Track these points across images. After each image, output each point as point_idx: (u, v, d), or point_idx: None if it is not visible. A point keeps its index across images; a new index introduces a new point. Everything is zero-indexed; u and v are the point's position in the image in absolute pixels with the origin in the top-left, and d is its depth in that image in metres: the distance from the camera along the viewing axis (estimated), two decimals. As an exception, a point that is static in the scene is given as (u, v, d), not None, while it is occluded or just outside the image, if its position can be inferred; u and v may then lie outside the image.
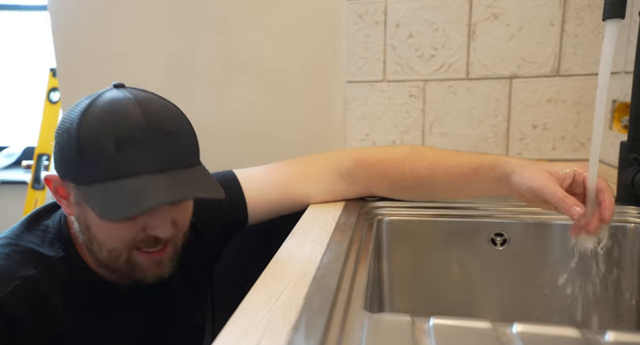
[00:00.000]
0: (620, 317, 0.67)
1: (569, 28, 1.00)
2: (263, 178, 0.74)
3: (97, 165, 0.50)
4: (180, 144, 0.54)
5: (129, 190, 0.49)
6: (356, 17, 1.08)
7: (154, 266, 0.56)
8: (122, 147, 0.49)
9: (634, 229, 0.66)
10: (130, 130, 0.50)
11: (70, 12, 1.19)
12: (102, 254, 0.55)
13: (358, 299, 0.47)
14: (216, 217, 0.70)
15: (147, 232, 0.54)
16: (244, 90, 1.17)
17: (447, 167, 0.66)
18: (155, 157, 0.51)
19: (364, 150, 0.74)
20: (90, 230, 0.54)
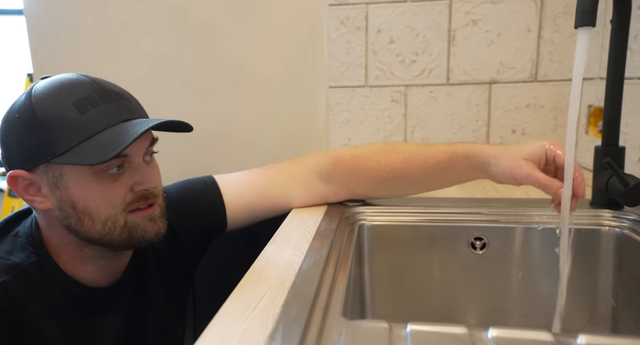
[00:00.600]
0: (596, 319, 0.68)
1: (545, 34, 1.02)
2: (241, 182, 0.74)
3: (66, 133, 0.51)
4: (132, 103, 0.57)
5: (108, 137, 0.51)
6: (337, 23, 1.09)
7: (150, 223, 0.57)
8: (84, 108, 0.52)
9: (608, 232, 0.67)
10: (85, 92, 0.53)
11: (46, 17, 1.18)
12: (97, 227, 0.55)
13: (337, 305, 0.47)
14: (194, 218, 0.70)
15: (134, 190, 0.55)
16: (227, 96, 1.16)
17: (421, 158, 0.68)
18: (116, 111, 0.54)
19: (340, 150, 0.75)
20: (78, 206, 0.54)
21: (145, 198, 0.56)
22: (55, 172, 0.53)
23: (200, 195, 0.71)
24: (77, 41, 1.18)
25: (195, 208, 0.70)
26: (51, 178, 0.54)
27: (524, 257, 0.71)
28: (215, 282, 0.83)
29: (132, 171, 0.55)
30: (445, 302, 0.75)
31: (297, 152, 1.16)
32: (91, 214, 0.54)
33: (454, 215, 0.74)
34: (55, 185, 0.54)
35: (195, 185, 0.72)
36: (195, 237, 0.71)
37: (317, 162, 0.74)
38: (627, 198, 0.64)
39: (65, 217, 0.55)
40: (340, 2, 1.08)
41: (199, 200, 0.71)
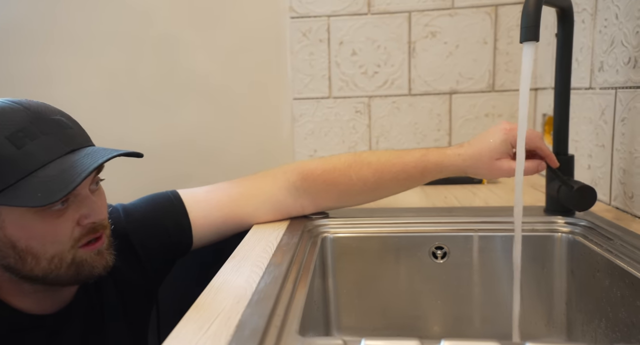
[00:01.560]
0: (552, 324, 0.70)
1: (500, 46, 1.05)
2: (207, 200, 0.72)
3: (1, 171, 0.47)
4: (73, 129, 0.52)
5: (52, 174, 0.47)
6: (300, 35, 1.10)
7: (97, 257, 0.54)
8: (20, 142, 0.47)
9: (561, 238, 0.69)
10: (20, 123, 0.48)
11: (0, 32, 1.14)
12: (41, 266, 0.51)
13: (293, 323, 0.46)
14: (159, 237, 0.67)
15: (82, 224, 0.52)
16: (190, 108, 1.15)
17: (393, 172, 0.69)
18: (58, 142, 0.49)
19: (309, 163, 0.74)
20: (19, 246, 0.49)
21: (94, 231, 0.53)
22: None
23: (165, 213, 0.68)
24: (32, 52, 1.15)
25: (161, 226, 0.67)
26: None
27: (484, 265, 0.73)
28: (180, 299, 0.82)
29: (78, 204, 0.51)
30: (410, 311, 0.76)
31: (262, 164, 1.16)
32: (35, 253, 0.50)
33: (416, 226, 0.75)
34: None
35: (160, 201, 0.69)
36: (159, 257, 0.68)
37: (286, 178, 0.72)
38: (574, 201, 0.66)
39: (3, 257, 0.50)
40: (302, 15, 1.09)
41: (164, 219, 0.68)
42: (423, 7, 1.06)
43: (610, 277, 0.59)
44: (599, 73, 0.77)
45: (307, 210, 0.76)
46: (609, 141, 0.75)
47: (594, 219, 0.68)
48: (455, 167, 0.68)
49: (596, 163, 0.79)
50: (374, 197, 0.74)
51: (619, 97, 0.72)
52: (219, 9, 1.11)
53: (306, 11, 1.09)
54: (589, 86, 0.81)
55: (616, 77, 0.72)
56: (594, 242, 0.64)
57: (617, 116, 0.72)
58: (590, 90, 0.80)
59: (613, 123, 0.73)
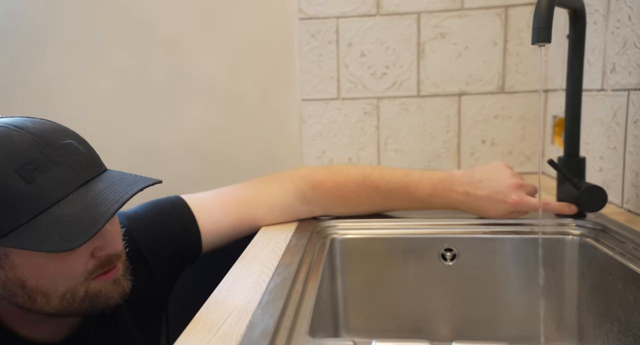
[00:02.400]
0: (563, 327, 0.69)
1: (510, 47, 1.05)
2: (215, 207, 0.70)
3: (10, 209, 0.42)
4: (85, 154, 0.48)
5: (69, 213, 0.43)
6: (309, 37, 1.10)
7: (113, 287, 0.50)
8: (30, 176, 0.42)
9: (572, 241, 0.69)
10: (29, 153, 0.43)
11: (7, 32, 1.16)
12: (52, 304, 0.47)
13: (303, 324, 0.46)
14: (168, 245, 0.65)
15: (97, 256, 0.48)
16: (198, 110, 1.16)
17: (400, 200, 0.73)
18: (71, 173, 0.45)
19: (318, 173, 0.74)
20: (29, 285, 0.46)
21: (109, 262, 0.49)
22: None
23: (172, 220, 0.66)
24: (43, 53, 1.16)
25: (168, 233, 0.65)
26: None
27: (494, 267, 0.72)
28: (189, 301, 0.82)
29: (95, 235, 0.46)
30: (419, 313, 0.76)
31: (270, 165, 1.16)
32: (45, 291, 0.46)
33: (425, 227, 0.75)
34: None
35: (165, 208, 0.67)
36: (168, 266, 0.66)
37: (295, 185, 0.73)
38: (584, 202, 0.66)
39: (11, 296, 0.47)
40: (311, 16, 1.09)
41: (172, 225, 0.66)
42: (432, 8, 1.05)
43: (622, 281, 0.58)
44: (611, 74, 0.77)
45: (316, 214, 0.76)
46: (621, 143, 0.74)
47: (605, 222, 0.67)
48: (464, 206, 0.72)
49: (608, 165, 0.78)
50: (380, 212, 0.78)
51: (632, 99, 0.71)
52: (227, 11, 1.12)
53: (315, 12, 1.09)
54: (600, 88, 0.80)
55: (629, 78, 0.72)
56: (606, 244, 0.63)
57: (630, 118, 0.71)
58: (602, 91, 0.80)
59: (625, 125, 0.73)
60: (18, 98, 1.18)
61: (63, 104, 1.16)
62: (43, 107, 1.16)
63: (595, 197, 0.66)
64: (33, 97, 1.18)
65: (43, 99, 1.17)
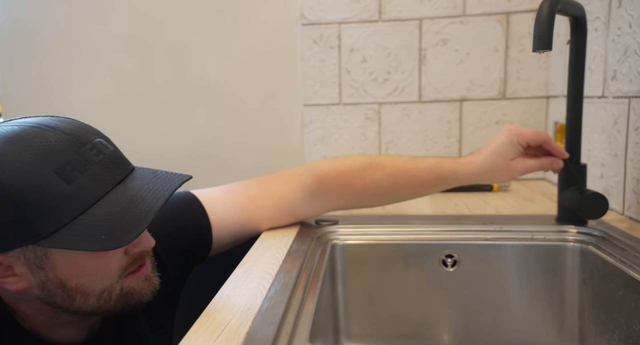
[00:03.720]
0: (564, 334, 0.69)
1: (512, 54, 1.05)
2: (225, 201, 0.70)
3: (52, 210, 0.42)
4: (113, 151, 0.48)
5: (112, 211, 0.43)
6: (311, 42, 1.10)
7: (145, 283, 0.51)
8: (69, 176, 0.43)
9: (573, 248, 0.68)
10: (66, 153, 0.44)
11: (14, 35, 1.16)
12: (90, 302, 0.48)
13: (303, 330, 0.46)
14: (180, 240, 0.65)
15: (130, 253, 0.49)
16: (201, 115, 1.16)
17: (407, 177, 0.70)
18: (106, 171, 0.45)
19: (323, 165, 0.73)
20: (69, 285, 0.46)
21: (141, 258, 0.50)
22: (39, 252, 0.44)
23: (184, 215, 0.66)
24: (47, 58, 1.17)
25: (180, 228, 0.65)
26: (32, 258, 0.45)
27: (495, 274, 0.72)
28: (191, 306, 0.82)
29: None
30: (419, 319, 0.76)
31: (272, 170, 1.15)
32: (85, 290, 0.47)
33: (426, 233, 0.75)
34: (39, 265, 0.45)
35: (177, 203, 0.67)
36: (180, 260, 0.66)
37: (301, 181, 0.72)
38: (584, 209, 0.66)
39: (49, 296, 0.47)
40: (313, 22, 1.10)
41: (183, 220, 0.66)
42: (434, 15, 1.06)
43: (624, 288, 0.58)
44: (612, 82, 0.77)
45: (320, 212, 0.75)
46: (622, 150, 0.74)
47: (606, 229, 0.67)
48: (469, 175, 0.69)
49: (609, 172, 0.78)
50: (386, 201, 0.75)
51: (633, 106, 0.71)
52: (231, 17, 1.12)
53: (317, 18, 1.09)
54: (601, 95, 0.80)
55: (630, 86, 0.72)
56: (607, 252, 0.63)
57: (631, 125, 0.72)
58: (603, 98, 0.80)
59: (626, 132, 0.73)
60: (22, 102, 1.19)
61: (66, 109, 1.16)
62: (46, 112, 1.17)
63: (596, 204, 0.66)
64: (37, 101, 1.19)
65: (46, 103, 1.18)
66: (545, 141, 0.68)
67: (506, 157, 0.67)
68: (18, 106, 1.19)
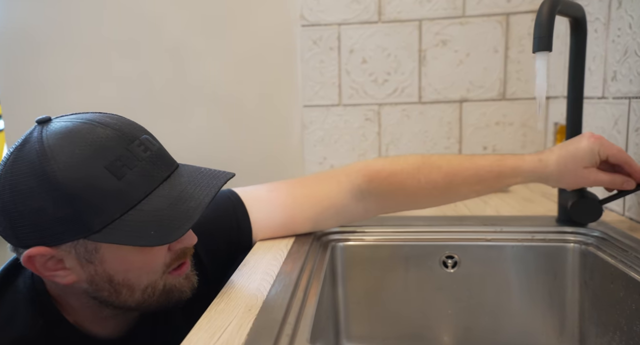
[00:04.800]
0: (565, 336, 0.69)
1: (512, 54, 1.05)
2: (269, 199, 0.68)
3: (103, 205, 0.43)
4: (159, 147, 0.49)
5: (160, 207, 0.44)
6: (311, 43, 1.10)
7: (185, 281, 0.52)
8: (119, 172, 0.44)
9: (573, 249, 0.69)
10: (117, 150, 0.45)
11: (14, 38, 1.16)
12: (135, 297, 0.49)
13: (304, 331, 0.46)
14: (222, 242, 0.64)
15: (173, 249, 0.50)
16: (201, 116, 1.16)
17: (464, 176, 0.65)
18: (153, 168, 0.46)
19: (374, 164, 0.69)
20: (116, 279, 0.47)
21: (183, 255, 0.51)
22: (89, 246, 0.45)
23: (226, 215, 0.65)
24: (46, 61, 1.17)
25: (221, 230, 0.64)
26: (82, 253, 0.46)
27: (495, 275, 0.72)
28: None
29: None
30: (421, 321, 0.76)
31: (272, 171, 1.17)
32: (131, 284, 0.48)
33: (426, 234, 0.75)
34: (88, 260, 0.46)
35: (220, 204, 0.66)
36: (219, 261, 0.64)
37: (350, 181, 0.68)
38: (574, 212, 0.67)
39: (97, 290, 0.48)
40: (313, 23, 1.10)
41: (226, 220, 0.65)
42: (434, 16, 1.06)
43: (624, 289, 0.58)
44: (612, 82, 0.77)
45: (371, 214, 0.70)
46: (623, 151, 0.74)
47: (607, 230, 0.67)
48: (534, 174, 0.63)
49: (609, 173, 0.78)
50: (442, 201, 0.70)
51: (633, 107, 0.71)
52: (230, 18, 1.12)
53: (317, 19, 1.09)
54: (601, 95, 0.80)
55: (630, 86, 0.72)
56: (608, 253, 0.63)
57: (631, 126, 0.72)
58: (603, 99, 0.80)
59: (627, 133, 0.73)
60: (21, 105, 1.19)
61: (66, 111, 1.16)
62: (46, 114, 1.17)
63: (588, 210, 0.66)
64: (35, 104, 1.19)
65: (45, 105, 1.18)
66: (627, 162, 0.62)
67: (581, 164, 0.62)
68: (19, 109, 1.19)
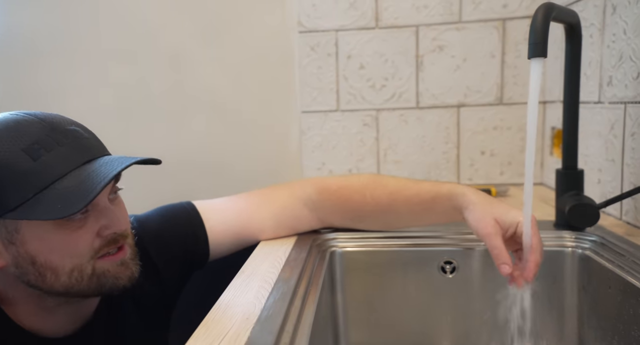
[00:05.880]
0: (564, 340, 0.69)
1: (508, 59, 1.06)
2: (226, 208, 0.72)
3: (18, 184, 0.46)
4: (89, 140, 0.52)
5: (70, 185, 0.46)
6: (308, 49, 1.11)
7: (121, 268, 0.52)
8: (36, 154, 0.47)
9: (572, 254, 0.69)
10: (35, 135, 0.48)
11: (14, 45, 1.17)
12: (61, 280, 0.50)
13: (302, 340, 0.46)
14: (176, 249, 0.66)
15: (102, 235, 0.51)
16: (199, 122, 1.16)
17: (407, 195, 0.68)
18: (74, 153, 0.49)
19: (326, 179, 0.75)
20: (38, 261, 0.49)
21: (115, 241, 0.52)
22: (9, 227, 0.48)
23: (181, 224, 0.68)
24: (45, 68, 1.17)
25: (176, 238, 0.67)
26: (4, 234, 0.48)
27: (494, 280, 0.72)
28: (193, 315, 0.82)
29: (97, 215, 0.50)
30: (419, 326, 0.75)
31: (270, 177, 1.17)
32: (54, 267, 0.49)
33: (424, 240, 0.75)
34: (10, 241, 0.48)
35: (176, 213, 0.69)
36: (176, 270, 0.67)
37: (302, 190, 0.73)
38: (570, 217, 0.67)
39: (23, 273, 0.50)
40: (310, 29, 1.10)
41: (179, 229, 0.67)
42: (431, 21, 1.07)
43: (622, 294, 0.58)
44: (608, 87, 0.77)
45: (326, 223, 0.75)
46: (619, 156, 0.74)
47: (604, 234, 0.68)
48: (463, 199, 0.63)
49: (606, 177, 0.78)
50: (386, 222, 0.73)
51: (629, 112, 0.71)
52: (228, 25, 1.13)
53: (314, 26, 1.10)
54: (597, 100, 0.81)
55: (625, 91, 0.72)
56: (605, 258, 0.63)
57: (627, 131, 0.72)
58: (599, 104, 0.80)
59: (623, 137, 0.73)
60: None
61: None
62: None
63: (585, 214, 0.67)
64: (37, 109, 1.19)
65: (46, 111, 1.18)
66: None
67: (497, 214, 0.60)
68: (16, 115, 1.19)
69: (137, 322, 0.63)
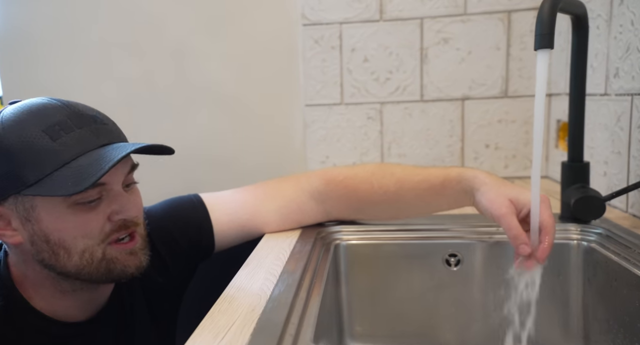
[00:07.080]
0: (569, 333, 0.69)
1: (513, 52, 1.05)
2: (232, 200, 0.72)
3: (37, 162, 0.49)
4: (109, 126, 0.54)
5: (83, 165, 0.49)
6: (312, 42, 1.10)
7: (130, 257, 0.54)
8: (56, 135, 0.50)
9: (577, 246, 0.68)
10: (57, 117, 0.51)
11: (17, 41, 1.17)
12: (73, 260, 0.52)
13: (307, 331, 0.47)
14: (182, 240, 0.67)
15: (113, 220, 0.53)
16: (203, 116, 1.16)
17: (414, 181, 0.67)
18: (92, 136, 0.51)
19: (332, 170, 0.74)
20: (52, 239, 0.51)
21: (125, 227, 0.54)
22: (26, 204, 0.50)
23: (187, 216, 0.69)
24: (48, 62, 1.17)
25: (182, 230, 0.67)
26: (22, 211, 0.50)
27: (498, 273, 0.72)
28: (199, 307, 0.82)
29: (110, 200, 0.52)
30: (424, 319, 0.76)
31: (275, 171, 1.17)
32: (67, 246, 0.51)
33: (429, 232, 0.75)
34: (27, 218, 0.51)
35: (182, 204, 0.70)
36: (182, 261, 0.68)
37: (309, 182, 0.72)
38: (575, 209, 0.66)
39: (38, 251, 0.52)
40: (314, 22, 1.10)
41: (186, 221, 0.68)
42: (435, 14, 1.06)
43: (627, 286, 0.58)
44: (615, 79, 0.76)
45: (332, 216, 0.74)
46: (626, 148, 0.74)
47: (610, 227, 0.67)
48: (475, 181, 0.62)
49: (612, 170, 0.78)
50: (394, 209, 0.71)
51: (635, 104, 0.71)
52: (232, 18, 1.13)
53: (318, 19, 1.09)
54: (604, 92, 0.80)
55: (632, 83, 0.72)
56: (611, 250, 0.63)
57: (634, 123, 0.71)
58: (605, 96, 0.80)
59: (629, 130, 0.73)
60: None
61: (69, 111, 1.17)
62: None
63: (590, 206, 0.66)
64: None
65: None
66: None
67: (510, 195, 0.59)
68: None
69: (146, 313, 0.65)
